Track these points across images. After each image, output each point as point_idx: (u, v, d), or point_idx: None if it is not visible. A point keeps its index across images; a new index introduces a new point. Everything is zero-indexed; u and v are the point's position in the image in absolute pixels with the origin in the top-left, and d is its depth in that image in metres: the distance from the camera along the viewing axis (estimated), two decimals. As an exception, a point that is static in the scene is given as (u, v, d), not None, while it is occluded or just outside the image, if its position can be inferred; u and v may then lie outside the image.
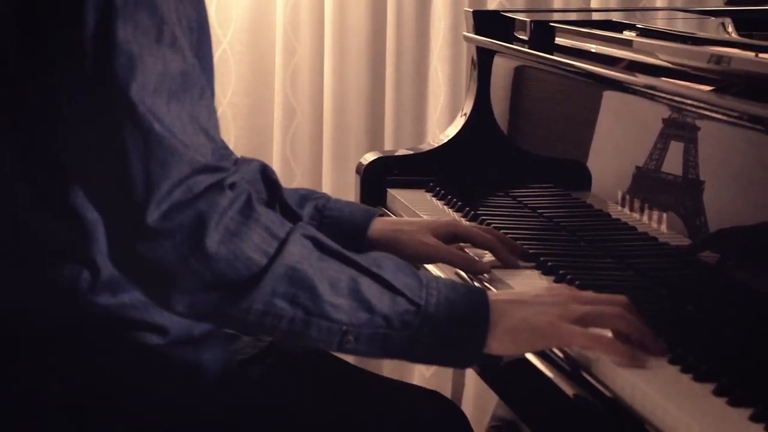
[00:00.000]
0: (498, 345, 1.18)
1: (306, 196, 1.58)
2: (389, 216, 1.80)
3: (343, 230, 1.53)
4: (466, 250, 1.53)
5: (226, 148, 1.56)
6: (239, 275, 1.14)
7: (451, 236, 1.53)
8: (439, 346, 1.18)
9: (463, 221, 1.71)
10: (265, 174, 1.57)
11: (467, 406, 2.86)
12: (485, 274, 1.46)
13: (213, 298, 1.14)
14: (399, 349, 1.18)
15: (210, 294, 1.14)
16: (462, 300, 1.18)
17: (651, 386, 1.08)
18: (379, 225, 1.55)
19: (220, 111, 2.82)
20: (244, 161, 1.56)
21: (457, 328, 1.17)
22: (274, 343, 1.44)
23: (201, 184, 1.14)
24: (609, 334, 1.18)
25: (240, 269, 1.13)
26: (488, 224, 1.65)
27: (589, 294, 1.23)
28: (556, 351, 1.24)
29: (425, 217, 1.72)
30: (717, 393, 1.07)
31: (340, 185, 2.87)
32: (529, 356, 1.26)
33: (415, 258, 1.50)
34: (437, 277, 1.22)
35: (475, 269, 1.47)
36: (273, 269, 1.14)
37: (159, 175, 1.13)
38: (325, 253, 1.17)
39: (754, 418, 1.01)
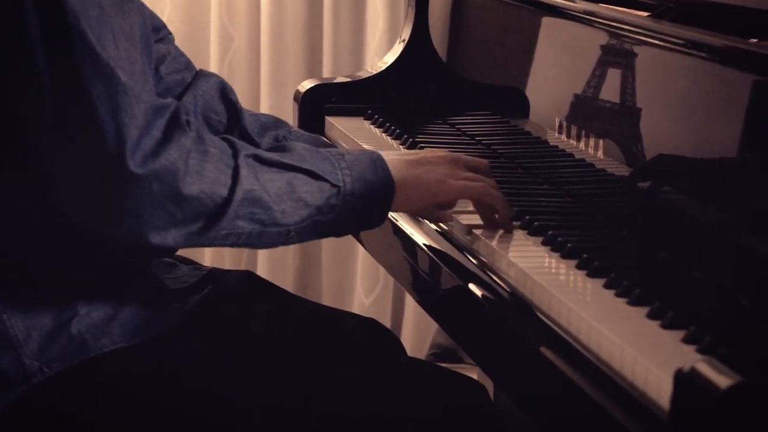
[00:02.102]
0: (400, 200, 1.32)
1: (267, 125, 1.56)
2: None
3: None
4: None
5: (182, 55, 1.54)
6: (208, 209, 1.21)
7: None
8: (357, 218, 1.31)
9: (402, 149, 1.70)
10: (225, 95, 1.53)
11: (407, 334, 2.88)
12: None
13: (186, 231, 1.20)
14: (328, 230, 1.30)
15: (183, 228, 1.20)
16: (369, 171, 1.31)
17: (586, 311, 1.09)
18: None
19: (155, 38, 2.78)
20: (203, 76, 1.54)
21: (371, 199, 1.30)
22: (212, 272, 1.43)
23: (161, 125, 1.18)
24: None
25: (209, 204, 1.20)
26: (426, 151, 1.64)
27: (465, 157, 1.39)
28: (497, 281, 1.25)
29: (364, 145, 1.71)
30: (650, 316, 1.08)
31: (277, 113, 2.84)
32: (468, 284, 1.26)
33: None
34: (345, 155, 1.32)
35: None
36: (234, 197, 1.21)
37: (128, 123, 1.15)
38: (265, 164, 1.26)
39: (686, 340, 1.02)
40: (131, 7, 1.19)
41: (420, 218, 1.44)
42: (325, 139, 1.66)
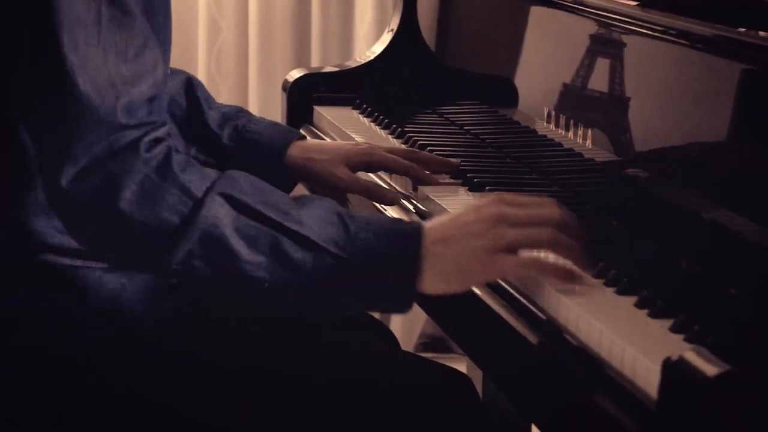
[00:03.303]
0: (430, 287, 1.14)
1: (228, 115, 1.55)
2: (312, 137, 1.78)
3: (260, 154, 1.50)
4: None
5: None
6: (153, 236, 1.13)
7: (366, 165, 1.51)
8: (366, 297, 1.16)
9: (390, 138, 1.70)
10: (190, 90, 1.53)
11: (396, 324, 2.88)
12: (411, 196, 1.46)
13: (133, 254, 1.16)
14: (327, 303, 1.16)
15: (127, 251, 1.15)
16: (391, 249, 1.13)
17: (574, 300, 1.09)
18: (294, 151, 1.52)
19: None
20: (172, 74, 1.52)
21: (383, 278, 1.14)
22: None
23: (118, 144, 1.13)
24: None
25: (153, 231, 1.12)
26: (415, 141, 1.64)
27: (519, 202, 1.16)
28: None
29: (353, 135, 1.71)
30: (639, 305, 1.08)
31: (266, 103, 2.84)
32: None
33: (327, 188, 1.49)
34: (367, 224, 1.15)
35: (385, 200, 1.44)
36: (188, 232, 1.12)
37: (74, 135, 1.12)
38: (243, 213, 1.14)
39: (674, 329, 1.02)
40: (133, 24, 1.17)
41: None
42: (288, 127, 1.65)
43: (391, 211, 1.44)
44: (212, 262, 1.13)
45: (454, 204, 1.38)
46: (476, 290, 1.21)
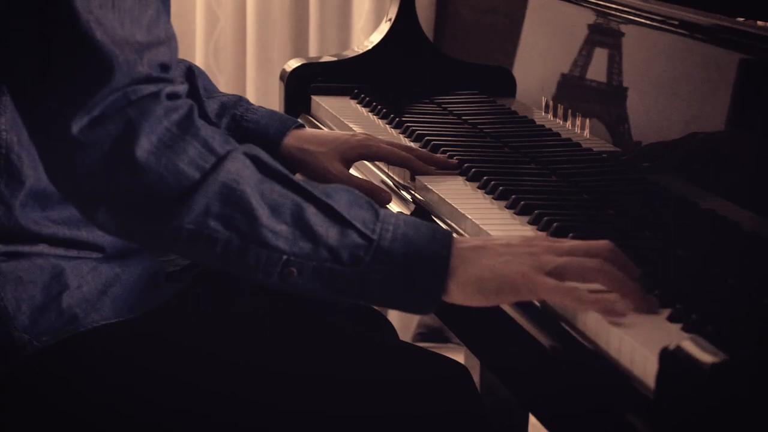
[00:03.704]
0: (461, 294, 1.06)
1: (226, 104, 1.54)
2: (310, 127, 1.78)
3: (256, 144, 1.50)
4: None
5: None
6: (169, 189, 1.06)
7: (363, 157, 1.50)
8: (392, 286, 1.07)
9: (388, 128, 1.70)
10: (189, 78, 1.52)
11: (393, 315, 2.88)
12: (409, 187, 1.46)
13: (142, 213, 1.08)
14: (347, 287, 1.07)
15: (139, 209, 1.08)
16: (422, 239, 1.07)
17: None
18: (290, 141, 1.51)
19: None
20: None
21: (412, 268, 1.06)
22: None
23: (137, 93, 1.07)
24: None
25: (171, 183, 1.06)
26: (413, 131, 1.64)
27: (569, 243, 1.09)
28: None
29: (351, 124, 1.71)
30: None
31: (264, 92, 2.84)
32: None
33: (321, 182, 1.48)
34: (398, 214, 1.10)
35: (379, 200, 1.41)
36: (207, 185, 1.06)
37: (94, 82, 1.07)
38: (269, 175, 1.08)
39: (672, 319, 1.02)
40: None
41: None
42: (286, 115, 1.65)
43: (389, 205, 1.44)
44: (229, 223, 1.06)
45: (452, 193, 1.38)
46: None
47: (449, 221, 1.35)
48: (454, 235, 1.09)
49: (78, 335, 1.24)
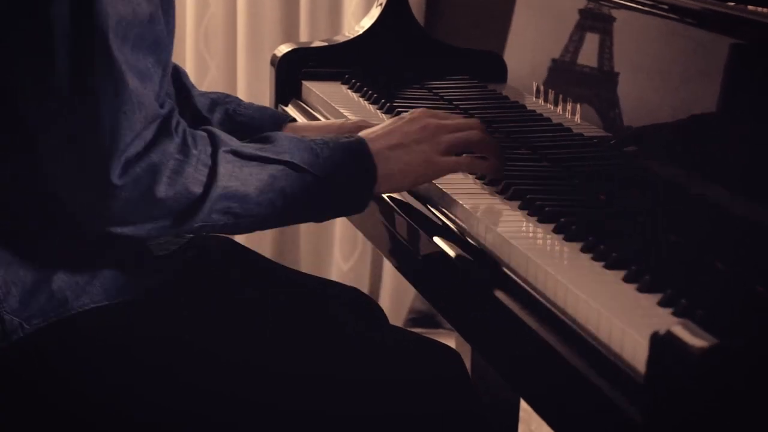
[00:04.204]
0: (385, 187, 1.34)
1: (216, 100, 1.57)
2: (301, 112, 1.78)
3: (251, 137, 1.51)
4: None
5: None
6: (182, 207, 1.22)
7: None
8: (337, 205, 1.33)
9: (379, 113, 1.70)
10: (177, 79, 1.54)
11: (385, 300, 2.88)
12: None
13: (158, 227, 1.22)
14: (307, 217, 1.34)
15: (155, 224, 1.22)
16: (350, 158, 1.31)
17: (563, 275, 1.10)
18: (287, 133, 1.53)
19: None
20: None
21: (352, 187, 1.31)
22: (193, 239, 1.43)
23: (151, 132, 1.19)
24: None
25: (183, 203, 1.21)
26: (404, 116, 1.64)
27: (451, 120, 1.38)
28: (475, 246, 1.25)
29: (342, 110, 1.70)
30: (627, 280, 1.08)
31: (254, 77, 2.84)
32: (447, 249, 1.26)
33: None
34: (322, 141, 1.32)
35: None
36: (210, 195, 1.22)
37: (125, 127, 1.16)
38: (245, 159, 1.26)
39: (662, 304, 1.02)
40: (158, 15, 1.22)
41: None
42: (276, 110, 1.66)
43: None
44: (228, 212, 1.24)
45: (443, 179, 1.38)
46: (463, 262, 1.21)
47: (443, 208, 1.35)
48: (363, 136, 1.34)
49: (68, 319, 1.25)
